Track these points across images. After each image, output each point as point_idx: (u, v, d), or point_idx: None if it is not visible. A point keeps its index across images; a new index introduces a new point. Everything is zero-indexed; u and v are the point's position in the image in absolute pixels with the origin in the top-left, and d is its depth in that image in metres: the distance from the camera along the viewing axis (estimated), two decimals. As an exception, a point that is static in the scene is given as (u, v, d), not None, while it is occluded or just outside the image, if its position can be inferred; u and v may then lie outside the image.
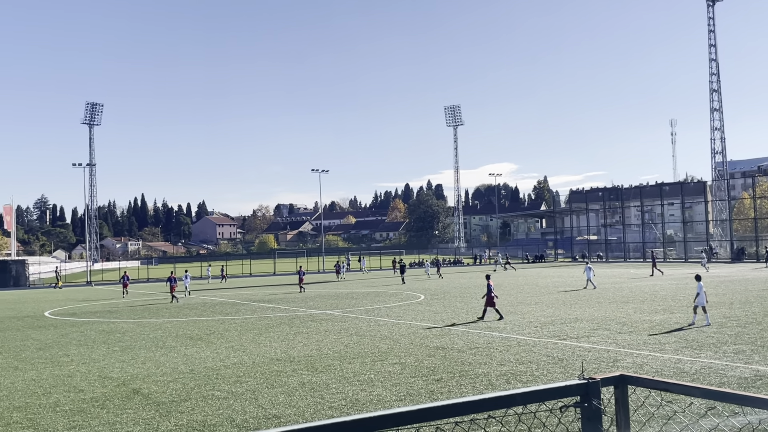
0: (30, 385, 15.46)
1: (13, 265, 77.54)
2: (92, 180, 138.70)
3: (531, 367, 15.42)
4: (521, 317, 25.90)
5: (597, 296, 34.57)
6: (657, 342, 18.61)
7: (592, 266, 42.85)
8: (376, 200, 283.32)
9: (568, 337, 20.07)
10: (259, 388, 14.15)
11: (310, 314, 29.93)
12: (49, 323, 30.39)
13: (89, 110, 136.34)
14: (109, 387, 14.83)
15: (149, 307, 37.45)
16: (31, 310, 38.31)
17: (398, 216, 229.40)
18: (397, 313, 29.15)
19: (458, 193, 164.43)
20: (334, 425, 2.46)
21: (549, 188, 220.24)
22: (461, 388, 13.52)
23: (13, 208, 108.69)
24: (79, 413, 12.45)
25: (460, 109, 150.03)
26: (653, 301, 30.73)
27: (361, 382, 14.42)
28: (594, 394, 3.06)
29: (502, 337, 20.71)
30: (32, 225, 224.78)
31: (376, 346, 19.64)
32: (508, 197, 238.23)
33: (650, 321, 23.39)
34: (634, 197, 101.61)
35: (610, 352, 17.17)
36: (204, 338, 22.86)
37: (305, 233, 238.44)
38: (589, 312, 27.09)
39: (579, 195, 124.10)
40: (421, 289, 45.58)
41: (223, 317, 30.24)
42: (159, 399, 13.42)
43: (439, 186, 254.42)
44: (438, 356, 17.38)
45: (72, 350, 21.08)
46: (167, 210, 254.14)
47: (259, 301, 39.12)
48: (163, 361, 18.26)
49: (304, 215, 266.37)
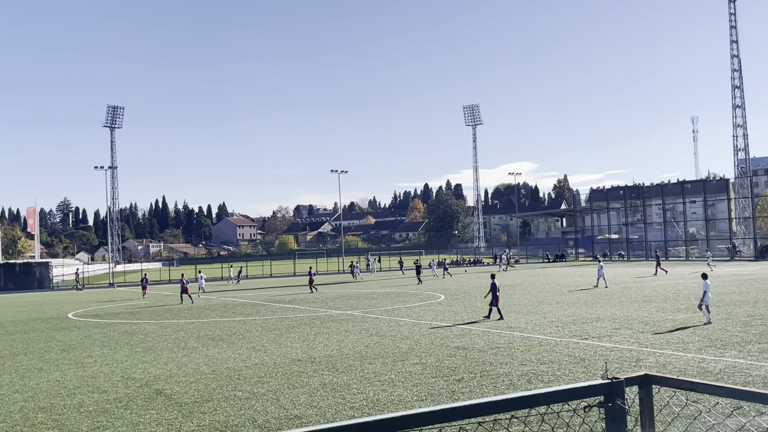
0: (54, 386, 15.63)
1: (36, 268, 78.43)
2: (114, 182, 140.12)
3: (552, 367, 15.33)
4: (542, 317, 25.77)
5: (619, 295, 34.31)
6: (680, 341, 18.44)
7: (603, 265, 42.91)
8: (395, 200, 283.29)
9: (590, 337, 19.94)
10: (280, 388, 14.20)
11: (330, 315, 29.99)
12: (72, 325, 30.70)
13: (110, 113, 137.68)
14: (132, 388, 14.96)
15: (171, 309, 37.72)
16: (55, 312, 38.73)
17: (417, 216, 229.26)
18: (418, 314, 29.12)
19: (477, 192, 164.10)
20: (356, 426, 2.46)
21: (569, 187, 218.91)
22: (482, 388, 13.47)
23: (36, 211, 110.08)
24: (103, 414, 12.57)
25: (478, 109, 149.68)
26: (676, 300, 30.45)
27: (382, 382, 14.42)
28: (618, 394, 3.04)
29: (523, 336, 20.62)
30: (55, 228, 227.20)
31: (396, 346, 19.63)
32: (528, 196, 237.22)
33: (673, 320, 23.18)
34: (656, 195, 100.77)
35: (633, 352, 17.03)
36: (225, 339, 22.98)
37: (325, 234, 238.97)
38: (611, 311, 26.90)
39: (600, 193, 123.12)
40: (441, 289, 45.51)
41: (244, 318, 30.38)
42: (181, 400, 13.51)
43: (459, 186, 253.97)
44: (459, 356, 17.34)
45: (95, 351, 21.28)
46: (188, 212, 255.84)
47: (279, 302, 39.26)
48: (185, 361, 18.38)
49: (323, 216, 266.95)
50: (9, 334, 27.86)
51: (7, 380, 16.62)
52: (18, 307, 44.50)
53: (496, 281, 26.80)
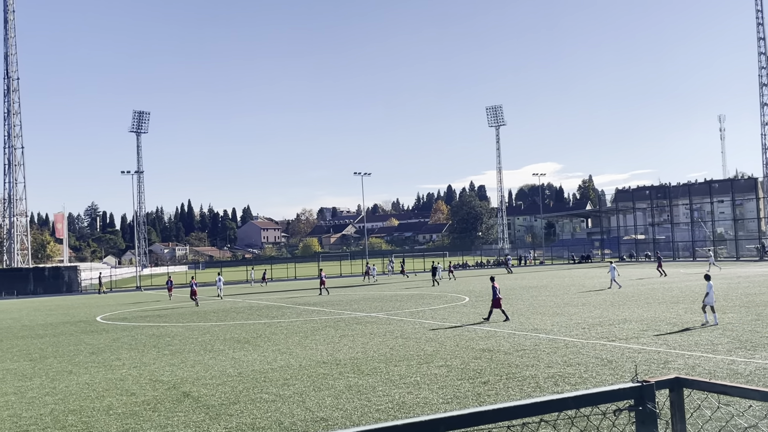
0: (84, 388, 15.82)
1: (65, 272, 79.50)
2: (140, 187, 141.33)
3: (579, 369, 15.22)
4: (568, 318, 25.59)
5: (646, 296, 33.97)
6: (709, 343, 18.21)
7: (615, 266, 43.21)
8: (418, 202, 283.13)
9: (617, 339, 19.77)
10: (306, 390, 14.24)
11: (354, 317, 30.03)
12: (101, 328, 31.06)
13: (136, 118, 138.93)
14: (160, 390, 15.09)
15: (197, 311, 38.01)
16: (84, 315, 39.21)
17: (441, 218, 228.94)
18: (442, 316, 29.06)
19: (501, 193, 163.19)
20: (384, 429, 2.46)
21: (594, 187, 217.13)
22: (508, 390, 13.41)
23: (65, 216, 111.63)
24: (132, 416, 12.70)
25: (502, 109, 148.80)
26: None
27: (408, 384, 14.41)
28: (648, 397, 3.01)
29: (549, 338, 20.49)
30: (83, 232, 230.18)
31: (421, 348, 19.61)
32: (553, 197, 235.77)
33: (702, 321, 22.88)
34: (683, 195, 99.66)
35: (661, 354, 16.85)
36: (251, 341, 23.10)
37: (348, 236, 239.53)
38: (638, 312, 26.64)
39: (625, 194, 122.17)
40: (466, 291, 45.38)
41: (269, 320, 30.53)
42: (208, 402, 13.61)
43: (482, 187, 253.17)
44: (484, 358, 17.27)
45: (124, 354, 21.50)
46: (213, 215, 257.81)
47: (304, 305, 39.40)
48: (211, 364, 18.52)
49: (347, 218, 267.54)
50: (39, 337, 28.25)
51: (37, 383, 16.86)
52: (48, 311, 45.13)
53: (496, 284, 27.33)
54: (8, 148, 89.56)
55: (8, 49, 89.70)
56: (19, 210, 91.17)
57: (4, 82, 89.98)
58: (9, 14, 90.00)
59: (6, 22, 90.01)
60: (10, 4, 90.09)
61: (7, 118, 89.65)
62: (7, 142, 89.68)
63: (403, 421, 2.51)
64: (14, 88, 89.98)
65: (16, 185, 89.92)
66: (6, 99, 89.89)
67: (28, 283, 74.63)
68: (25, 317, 40.18)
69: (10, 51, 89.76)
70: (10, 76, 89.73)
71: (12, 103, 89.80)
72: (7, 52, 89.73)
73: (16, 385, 16.74)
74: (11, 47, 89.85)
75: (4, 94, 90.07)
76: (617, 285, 40.76)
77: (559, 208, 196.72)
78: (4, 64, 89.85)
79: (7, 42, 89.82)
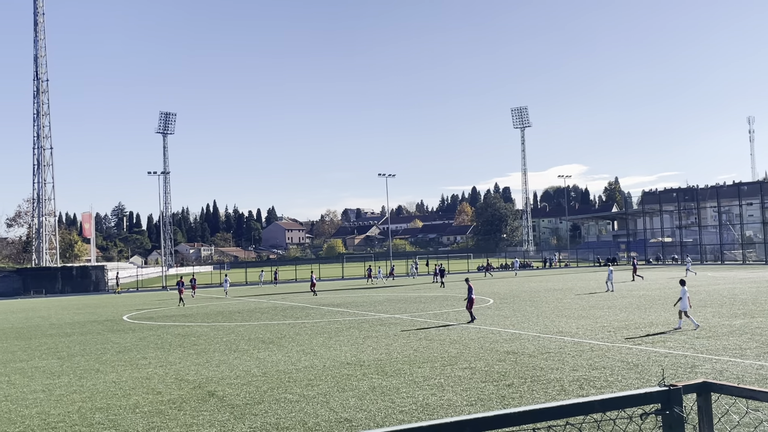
0: (111, 386, 16.01)
1: (92, 271, 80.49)
2: (166, 187, 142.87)
3: (605, 373, 15.09)
4: (594, 321, 25.39)
5: (672, 300, 33.56)
6: (737, 347, 17.96)
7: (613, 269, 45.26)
8: (442, 204, 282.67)
9: (643, 342, 19.58)
10: (330, 391, 14.28)
11: (378, 318, 30.05)
12: (127, 327, 31.40)
13: (163, 119, 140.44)
14: (186, 389, 15.22)
15: (222, 311, 38.28)
16: (111, 314, 39.67)
17: (465, 219, 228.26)
18: (466, 317, 28.97)
19: (526, 195, 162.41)
20: (408, 431, 2.47)
21: (620, 189, 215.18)
22: (533, 393, 13.34)
23: (92, 216, 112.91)
24: (158, 415, 12.82)
25: (527, 111, 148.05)
26: (732, 305, 29.69)
27: (432, 386, 14.39)
28: (676, 402, 2.99)
29: (574, 341, 20.34)
30: (110, 232, 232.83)
31: (445, 350, 19.57)
32: (578, 199, 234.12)
33: (729, 325, 22.60)
34: (711, 198, 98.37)
35: (688, 358, 16.65)
36: (275, 342, 23.22)
37: (372, 237, 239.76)
38: (665, 316, 26.36)
39: (652, 196, 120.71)
40: (490, 293, 45.21)
41: (294, 321, 30.65)
42: (233, 401, 13.70)
43: (507, 189, 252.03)
44: (508, 361, 17.20)
45: (150, 353, 21.72)
46: (238, 216, 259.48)
47: (328, 305, 39.51)
48: (236, 364, 18.64)
49: (371, 219, 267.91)
50: (67, 335, 28.64)
51: (65, 381, 17.09)
52: (75, 310, 45.73)
53: (471, 284, 28.38)
54: (37, 148, 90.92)
55: (38, 51, 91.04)
56: (48, 210, 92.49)
57: (34, 84, 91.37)
58: (39, 17, 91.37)
59: (36, 24, 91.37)
60: (39, 7, 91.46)
61: (36, 119, 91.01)
62: (36, 142, 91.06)
63: (428, 422, 2.51)
64: (44, 89, 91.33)
65: (45, 185, 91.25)
66: (36, 100, 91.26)
67: (56, 282, 75.70)
68: (54, 316, 40.76)
69: (39, 53, 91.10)
70: (40, 78, 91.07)
71: (41, 105, 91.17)
72: (37, 54, 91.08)
73: (45, 382, 16.99)
74: (41, 49, 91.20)
75: (33, 96, 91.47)
76: (611, 288, 41.97)
77: (585, 210, 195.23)
78: (33, 66, 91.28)
79: (36, 44, 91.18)
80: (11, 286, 74.58)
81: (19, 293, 73.10)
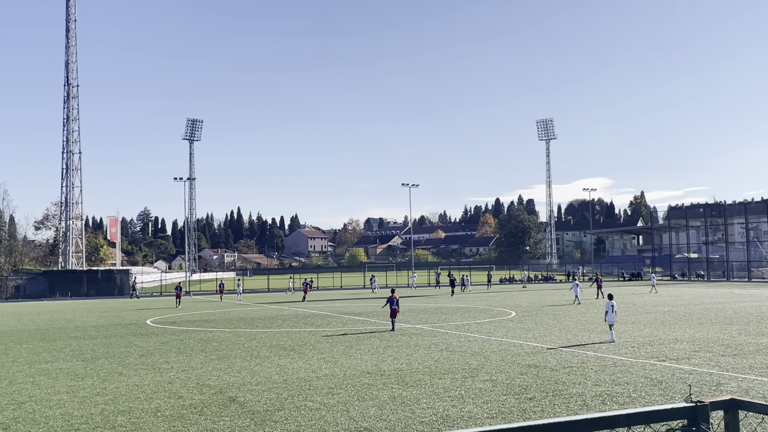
0: (133, 390, 16.14)
1: (117, 275, 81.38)
2: (192, 193, 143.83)
3: (628, 389, 14.93)
4: (617, 336, 25.13)
5: (698, 316, 33.18)
6: (764, 366, 17.69)
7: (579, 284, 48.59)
8: (465, 215, 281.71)
9: (668, 359, 19.34)
10: (350, 400, 14.28)
11: (399, 328, 29.99)
12: (150, 331, 31.66)
13: (190, 126, 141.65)
14: (207, 394, 15.30)
15: (244, 318, 38.45)
16: (134, 318, 40.02)
17: (488, 231, 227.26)
18: (488, 329, 28.84)
19: (550, 208, 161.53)
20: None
21: (646, 204, 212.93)
22: (555, 407, 13.22)
23: (118, 220, 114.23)
24: (179, 419, 12.90)
25: (552, 123, 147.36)
26: (759, 323, 29.24)
27: (452, 398, 14.33)
28: (702, 418, 2.96)
29: (597, 356, 20.16)
30: (135, 236, 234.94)
31: (466, 362, 19.48)
32: (603, 213, 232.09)
33: (756, 344, 22.26)
34: (738, 214, 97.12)
35: (713, 375, 16.42)
36: (297, 349, 23.27)
37: (395, 247, 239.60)
38: (690, 333, 26.03)
39: (678, 211, 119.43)
40: (512, 305, 44.97)
41: (315, 329, 30.70)
42: (254, 408, 13.74)
43: (531, 201, 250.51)
44: (530, 374, 17.07)
45: (172, 357, 21.87)
46: (262, 223, 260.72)
47: (349, 314, 39.53)
48: (257, 370, 18.70)
49: (393, 229, 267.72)
50: (91, 338, 28.94)
51: (89, 383, 17.26)
52: (100, 313, 46.21)
53: (395, 295, 30.02)
54: (66, 152, 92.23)
55: (69, 57, 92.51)
56: (75, 213, 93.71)
57: (65, 89, 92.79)
58: (71, 23, 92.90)
59: (68, 30, 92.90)
60: (72, 14, 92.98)
61: (66, 124, 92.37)
62: (65, 147, 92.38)
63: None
64: (74, 95, 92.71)
65: (73, 189, 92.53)
66: (66, 105, 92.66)
67: (81, 285, 76.63)
68: (78, 318, 41.22)
69: (71, 59, 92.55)
70: (70, 83, 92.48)
71: (71, 110, 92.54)
72: (68, 60, 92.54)
73: (69, 384, 17.17)
74: (72, 55, 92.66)
75: (63, 101, 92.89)
76: (578, 301, 44.88)
77: (610, 224, 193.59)
78: (65, 72, 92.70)
79: (68, 50, 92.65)
80: (38, 288, 75.66)
81: (45, 295, 74.09)
